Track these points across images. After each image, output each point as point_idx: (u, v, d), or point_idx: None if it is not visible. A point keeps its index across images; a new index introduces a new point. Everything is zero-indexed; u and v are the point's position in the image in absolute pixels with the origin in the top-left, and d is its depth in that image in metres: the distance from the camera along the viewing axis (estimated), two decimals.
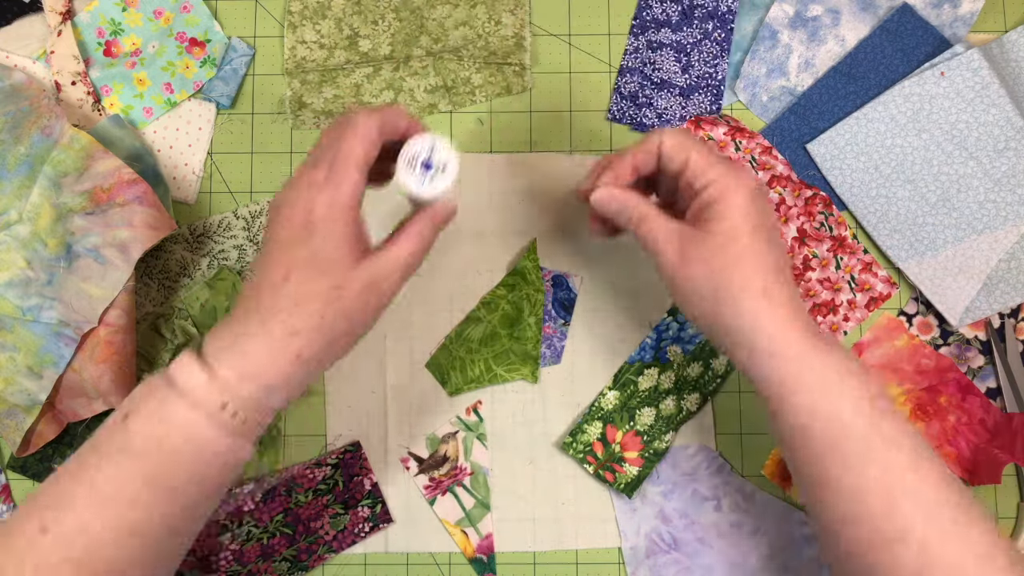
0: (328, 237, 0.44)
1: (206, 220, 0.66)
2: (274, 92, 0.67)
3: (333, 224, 0.44)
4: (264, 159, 0.67)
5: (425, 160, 0.47)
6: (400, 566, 0.63)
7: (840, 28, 0.67)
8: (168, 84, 0.66)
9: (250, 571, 0.62)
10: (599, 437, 0.63)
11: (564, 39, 0.68)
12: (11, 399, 0.60)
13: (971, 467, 0.62)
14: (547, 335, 0.65)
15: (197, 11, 0.67)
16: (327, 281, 0.44)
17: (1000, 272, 0.64)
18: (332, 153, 0.45)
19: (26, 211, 0.61)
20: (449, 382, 0.64)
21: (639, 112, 0.67)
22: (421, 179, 0.47)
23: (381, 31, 0.67)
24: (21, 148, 0.62)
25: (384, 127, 0.46)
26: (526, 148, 0.67)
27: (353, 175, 0.45)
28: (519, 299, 0.64)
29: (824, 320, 0.64)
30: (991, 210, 0.64)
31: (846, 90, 0.66)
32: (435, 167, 0.47)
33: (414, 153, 0.47)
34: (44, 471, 0.63)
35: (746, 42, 0.68)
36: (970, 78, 0.64)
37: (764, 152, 0.66)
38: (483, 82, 0.67)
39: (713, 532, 0.62)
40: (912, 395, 0.64)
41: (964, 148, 0.65)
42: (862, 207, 0.65)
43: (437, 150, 0.47)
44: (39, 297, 0.60)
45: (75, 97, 0.66)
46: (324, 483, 0.63)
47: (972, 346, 0.65)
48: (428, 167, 0.47)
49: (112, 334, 0.60)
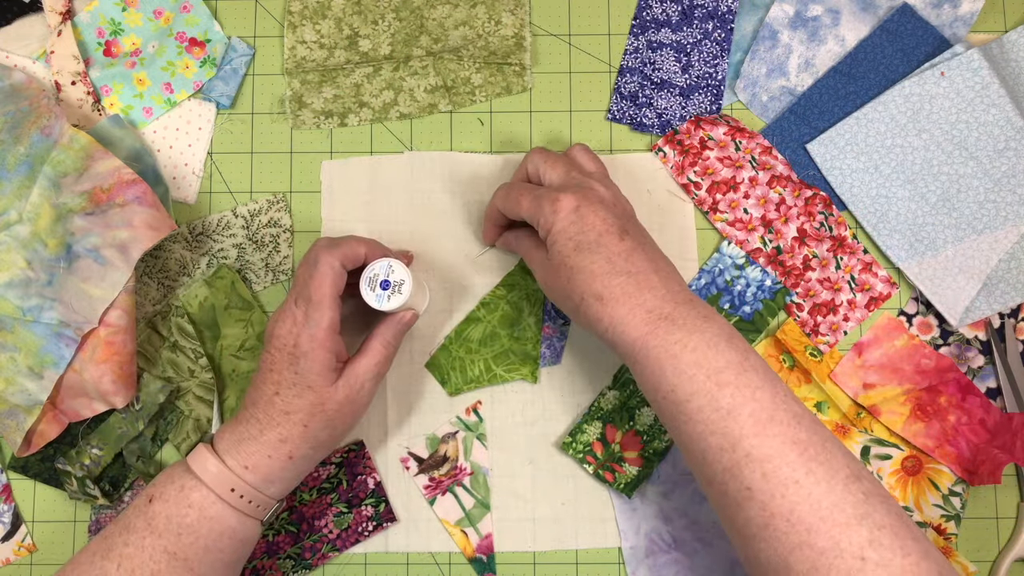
0: (310, 364, 0.53)
1: (205, 219, 0.66)
2: (274, 92, 0.67)
3: (314, 353, 0.53)
4: (264, 159, 0.67)
5: (383, 280, 0.56)
6: (400, 566, 0.63)
7: (840, 28, 0.67)
8: (168, 84, 0.66)
9: (255, 567, 0.62)
10: (599, 437, 0.63)
11: (564, 39, 0.68)
12: (12, 399, 0.61)
13: (971, 467, 0.62)
14: (547, 335, 0.65)
15: (197, 11, 0.67)
16: (310, 397, 0.54)
17: (1000, 272, 0.64)
18: (307, 292, 0.54)
19: (26, 211, 0.61)
20: (449, 382, 0.64)
21: (639, 112, 0.67)
22: (381, 297, 0.55)
23: (381, 31, 0.67)
24: (21, 148, 0.62)
25: (345, 260, 0.55)
26: (526, 148, 0.67)
27: (326, 313, 0.54)
28: (519, 299, 0.64)
29: (824, 320, 0.64)
30: (991, 210, 0.64)
31: (846, 90, 0.66)
32: (392, 285, 0.56)
33: (373, 275, 0.56)
34: (45, 471, 0.63)
35: (746, 42, 0.68)
36: (970, 78, 0.64)
37: (764, 152, 0.66)
38: (483, 82, 0.67)
39: (713, 532, 0.62)
40: (912, 395, 0.64)
41: (964, 148, 0.65)
42: (862, 207, 0.65)
43: (393, 271, 0.56)
44: (39, 297, 0.60)
45: (75, 97, 0.66)
46: (328, 482, 0.63)
47: (972, 346, 0.65)
48: (386, 286, 0.55)
49: (112, 334, 0.60)
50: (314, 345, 0.53)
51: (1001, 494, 0.64)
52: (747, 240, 0.65)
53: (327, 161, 0.67)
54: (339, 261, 0.54)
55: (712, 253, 0.65)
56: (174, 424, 0.64)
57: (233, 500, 0.53)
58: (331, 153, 0.67)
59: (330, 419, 0.54)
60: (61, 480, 0.63)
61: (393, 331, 0.57)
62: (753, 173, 0.65)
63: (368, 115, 0.67)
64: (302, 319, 0.54)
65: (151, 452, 0.63)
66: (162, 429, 0.64)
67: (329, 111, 0.67)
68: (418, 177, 0.66)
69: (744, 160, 0.65)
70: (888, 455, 0.63)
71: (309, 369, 0.53)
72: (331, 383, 0.54)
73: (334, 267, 0.54)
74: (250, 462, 0.53)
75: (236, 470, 0.53)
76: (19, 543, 0.64)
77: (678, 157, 0.66)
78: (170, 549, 0.52)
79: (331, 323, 0.54)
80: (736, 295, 0.65)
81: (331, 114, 0.67)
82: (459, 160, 0.66)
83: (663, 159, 0.66)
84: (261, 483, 0.54)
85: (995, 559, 0.63)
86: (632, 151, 0.67)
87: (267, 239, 0.66)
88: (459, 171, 0.66)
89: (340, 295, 0.55)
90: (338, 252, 0.55)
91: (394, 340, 0.57)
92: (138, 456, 0.63)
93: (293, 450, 0.54)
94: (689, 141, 0.66)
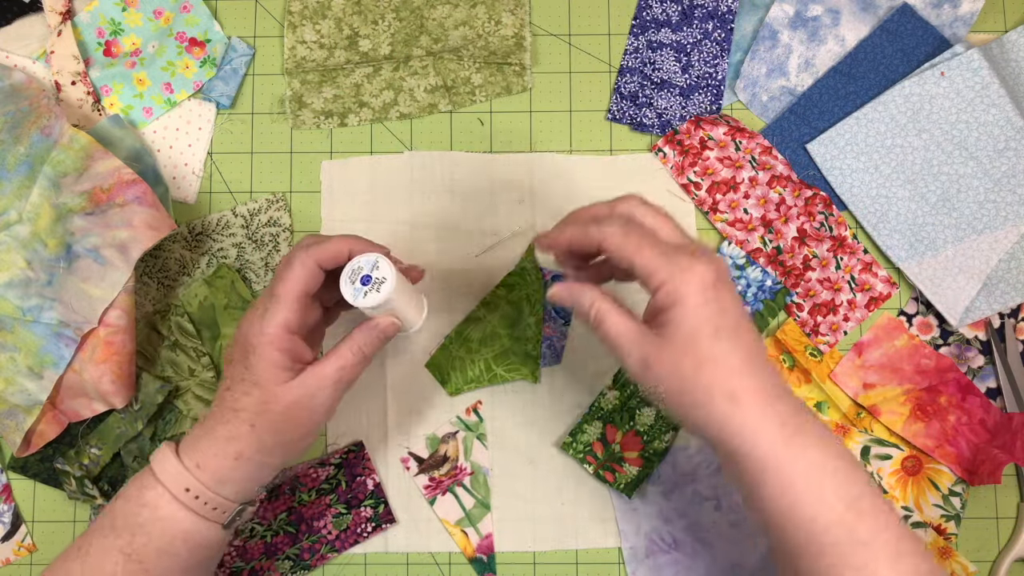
0: (258, 360, 0.50)
1: (205, 218, 0.66)
2: (274, 92, 0.67)
3: (263, 349, 0.50)
4: (264, 159, 0.67)
5: (364, 275, 0.52)
6: (400, 566, 0.63)
7: (840, 28, 0.67)
8: (168, 84, 0.66)
9: (253, 568, 0.62)
10: (599, 437, 0.63)
11: (564, 39, 0.68)
12: (11, 399, 0.60)
13: (971, 467, 0.62)
14: (547, 335, 0.65)
15: (197, 11, 0.67)
16: (257, 395, 0.50)
17: (1000, 272, 0.64)
18: (273, 288, 0.52)
19: (26, 211, 0.61)
20: (449, 382, 0.64)
21: (639, 112, 0.67)
22: (358, 291, 0.51)
23: (381, 31, 0.67)
24: (21, 148, 0.62)
25: (323, 259, 0.52)
26: (526, 148, 0.67)
27: (282, 310, 0.51)
28: (519, 299, 0.64)
29: (824, 320, 0.64)
30: (991, 210, 0.64)
31: (846, 90, 0.66)
32: (373, 281, 0.51)
33: (356, 268, 0.52)
34: (44, 471, 0.63)
35: (746, 42, 0.68)
36: (970, 78, 0.64)
37: (764, 152, 0.66)
38: (483, 82, 0.67)
39: (713, 532, 0.62)
40: (912, 395, 0.64)
41: (964, 148, 0.65)
42: (862, 207, 0.65)
43: (378, 267, 0.52)
44: (39, 297, 0.60)
45: (75, 97, 0.66)
46: (327, 482, 0.63)
47: (972, 346, 0.65)
48: (366, 281, 0.51)
49: (112, 334, 0.60)
50: (263, 340, 0.50)
51: (1001, 494, 0.64)
52: (747, 240, 0.65)
53: (327, 161, 0.67)
54: (314, 260, 0.52)
55: None
56: (172, 424, 0.64)
57: (188, 500, 0.50)
58: (331, 153, 0.67)
59: (276, 422, 0.51)
60: (60, 480, 0.63)
61: (366, 337, 0.53)
62: (753, 173, 0.65)
63: (368, 115, 0.67)
64: (260, 313, 0.51)
65: (150, 452, 0.63)
66: (160, 429, 0.64)
67: (329, 111, 0.67)
68: (418, 177, 0.66)
69: (744, 160, 0.65)
70: (888, 455, 0.63)
71: (256, 365, 0.50)
72: (280, 382, 0.51)
73: (306, 264, 0.51)
74: (201, 460, 0.51)
75: (190, 468, 0.51)
76: (19, 543, 0.64)
77: (678, 157, 0.66)
78: (125, 550, 0.50)
79: (285, 320, 0.51)
80: None
81: (331, 114, 0.67)
82: (459, 160, 0.66)
83: (663, 159, 0.66)
84: (212, 482, 0.51)
85: (995, 559, 0.63)
86: (632, 151, 0.67)
87: (267, 238, 0.66)
88: (459, 171, 0.66)
89: (310, 295, 0.52)
90: (315, 250, 0.52)
91: (366, 347, 0.53)
92: (136, 456, 0.63)
93: (241, 450, 0.51)
94: (689, 141, 0.66)
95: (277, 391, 0.50)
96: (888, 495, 0.63)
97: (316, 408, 0.52)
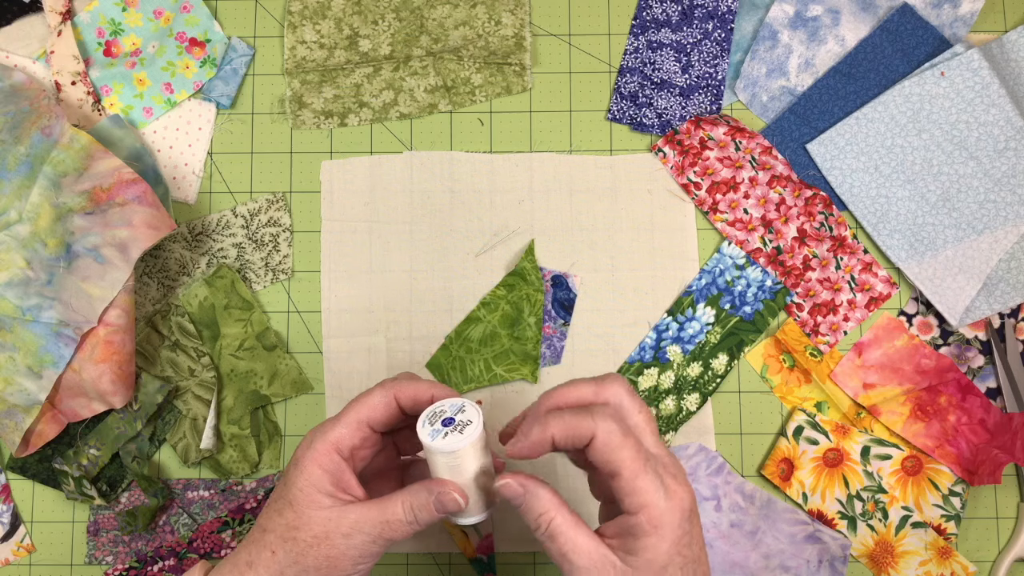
0: (299, 475, 0.46)
1: (205, 218, 0.66)
2: (274, 92, 0.67)
3: (305, 463, 0.46)
4: (264, 159, 0.67)
5: (447, 417, 0.45)
6: (400, 566, 0.63)
7: (840, 28, 0.67)
8: (168, 84, 0.66)
9: None
10: None
11: (564, 39, 0.68)
12: (11, 399, 0.60)
13: (971, 467, 0.62)
14: (547, 335, 0.65)
15: (197, 11, 0.67)
16: (288, 516, 0.46)
17: (1000, 272, 0.64)
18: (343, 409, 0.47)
19: (26, 211, 0.61)
20: (449, 382, 0.64)
21: (639, 112, 0.67)
22: (436, 432, 0.45)
23: (381, 31, 0.67)
24: (21, 148, 0.62)
25: (403, 395, 0.47)
26: (526, 148, 0.67)
27: (340, 428, 0.46)
28: (519, 299, 0.64)
29: (824, 320, 0.64)
30: (991, 210, 0.64)
31: (846, 90, 0.66)
32: (456, 423, 0.45)
33: (439, 410, 0.46)
34: (43, 471, 0.63)
35: (746, 42, 0.68)
36: (970, 78, 0.64)
37: (764, 152, 0.66)
38: (483, 82, 0.67)
39: (713, 532, 0.62)
40: (912, 395, 0.64)
41: (964, 148, 0.65)
42: (862, 207, 0.65)
43: (464, 411, 0.45)
44: (39, 297, 0.60)
45: (75, 97, 0.66)
46: None
47: (972, 346, 0.65)
48: (448, 423, 0.45)
49: (112, 334, 0.60)
50: (308, 454, 0.46)
51: (1001, 494, 0.64)
52: (747, 240, 0.65)
53: (327, 161, 0.67)
54: (394, 393, 0.47)
55: (712, 253, 0.65)
56: (172, 424, 0.64)
57: None
58: (331, 153, 0.67)
59: (301, 552, 0.45)
60: (59, 480, 0.63)
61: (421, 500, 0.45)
62: (753, 173, 0.65)
63: (368, 115, 0.67)
64: (317, 430, 0.47)
65: (148, 452, 0.63)
66: (160, 429, 0.64)
67: (329, 111, 0.67)
68: (418, 177, 0.66)
69: (744, 160, 0.65)
70: (888, 455, 0.63)
71: (295, 480, 0.46)
72: (315, 507, 0.45)
73: (384, 394, 0.47)
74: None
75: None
76: (18, 543, 0.64)
77: (678, 157, 0.66)
78: None
79: (338, 438, 0.46)
80: (737, 295, 0.65)
81: (331, 114, 0.67)
82: (459, 160, 0.66)
83: (663, 159, 0.66)
84: None
85: (995, 559, 0.63)
86: (632, 151, 0.67)
87: (267, 238, 0.66)
88: (459, 171, 0.66)
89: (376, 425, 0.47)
90: (398, 384, 0.47)
91: (420, 510, 0.45)
92: (134, 456, 0.63)
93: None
94: (689, 141, 0.66)
95: (310, 515, 0.45)
96: (888, 495, 0.63)
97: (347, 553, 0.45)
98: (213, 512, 0.63)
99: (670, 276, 0.65)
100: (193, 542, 0.63)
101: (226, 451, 0.63)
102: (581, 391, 0.46)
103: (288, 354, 0.65)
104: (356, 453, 0.47)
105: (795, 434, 0.63)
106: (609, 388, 0.45)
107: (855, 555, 0.62)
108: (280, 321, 0.65)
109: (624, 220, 0.66)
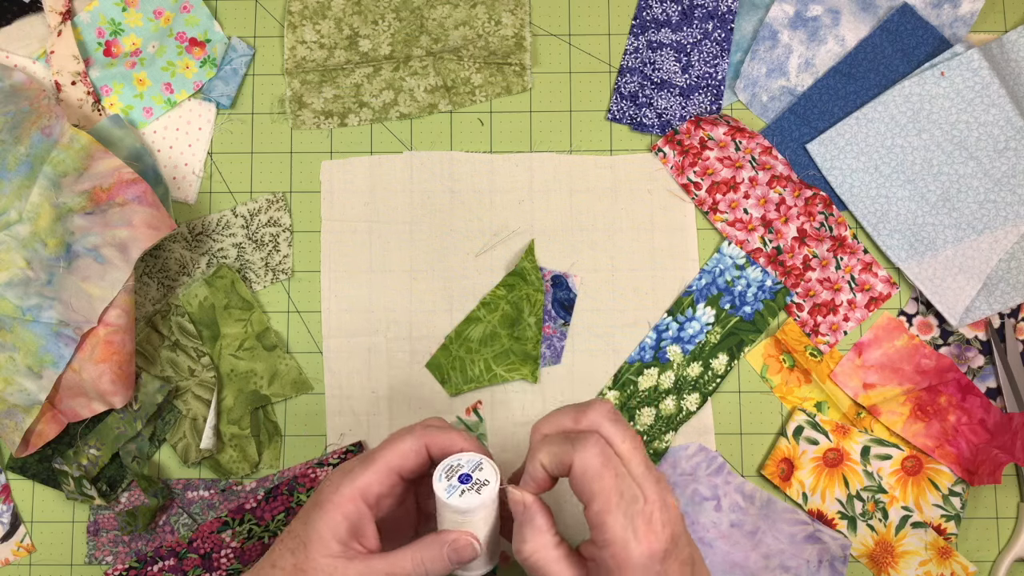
0: (320, 517, 0.45)
1: (205, 218, 0.66)
2: (274, 92, 0.67)
3: (328, 507, 0.45)
4: (264, 159, 0.67)
5: (464, 474, 0.46)
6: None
7: (840, 28, 0.67)
8: (168, 84, 0.66)
9: None
10: None
11: (564, 39, 0.68)
12: (10, 399, 0.60)
13: (971, 467, 0.62)
14: (547, 335, 0.65)
15: (197, 11, 0.67)
16: (300, 557, 0.45)
17: (1000, 272, 0.64)
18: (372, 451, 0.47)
19: (26, 211, 0.61)
20: (449, 382, 0.64)
21: (639, 112, 0.67)
22: (452, 488, 0.45)
23: (381, 31, 0.67)
24: (21, 148, 0.62)
25: (434, 444, 0.47)
26: (526, 148, 0.67)
27: (369, 474, 0.46)
28: (519, 299, 0.64)
29: (824, 320, 0.64)
30: (991, 210, 0.64)
31: (846, 90, 0.66)
32: (474, 482, 0.45)
33: (456, 464, 0.46)
34: (43, 471, 0.63)
35: (746, 42, 0.68)
36: (970, 78, 0.64)
37: (764, 152, 0.66)
38: (483, 82, 0.67)
39: (713, 532, 0.62)
40: (912, 395, 0.64)
41: (964, 148, 0.65)
42: (862, 207, 0.65)
43: (481, 468, 0.46)
44: (39, 297, 0.60)
45: (75, 97, 0.66)
46: None
47: (972, 346, 0.65)
48: (465, 479, 0.46)
49: (112, 334, 0.60)
50: (332, 498, 0.45)
51: (1001, 494, 0.64)
52: (747, 240, 0.65)
53: (327, 161, 0.67)
54: (424, 442, 0.47)
55: (712, 253, 0.65)
56: (172, 424, 0.64)
57: None
58: (331, 153, 0.67)
59: None
60: (58, 480, 0.63)
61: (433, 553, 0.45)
62: (753, 173, 0.65)
63: (368, 115, 0.67)
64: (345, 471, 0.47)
65: (148, 452, 0.63)
66: (160, 429, 0.64)
67: (329, 111, 0.67)
68: (418, 177, 0.66)
69: (744, 160, 0.65)
70: (888, 455, 0.63)
71: (315, 522, 0.45)
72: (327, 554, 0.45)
73: (415, 445, 0.47)
74: None
75: None
76: (18, 543, 0.64)
77: (678, 157, 0.66)
78: None
79: (365, 485, 0.46)
80: (737, 295, 0.65)
81: (331, 114, 0.67)
82: (459, 160, 0.66)
83: (663, 159, 0.66)
84: None
85: (995, 559, 0.63)
86: (632, 151, 0.67)
87: (267, 238, 0.66)
88: (459, 171, 0.66)
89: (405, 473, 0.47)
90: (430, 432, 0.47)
91: (429, 563, 0.45)
92: (134, 457, 0.63)
93: None
94: (689, 141, 0.66)
95: (320, 562, 0.45)
96: (888, 495, 0.63)
97: None
98: (213, 512, 0.63)
99: (670, 276, 0.65)
100: (193, 542, 0.63)
101: (226, 451, 0.63)
102: (562, 420, 0.46)
103: (288, 354, 0.65)
104: (382, 501, 0.47)
105: (795, 434, 0.63)
106: (589, 415, 0.45)
107: (855, 555, 0.62)
108: (280, 321, 0.65)
109: (624, 220, 0.66)
